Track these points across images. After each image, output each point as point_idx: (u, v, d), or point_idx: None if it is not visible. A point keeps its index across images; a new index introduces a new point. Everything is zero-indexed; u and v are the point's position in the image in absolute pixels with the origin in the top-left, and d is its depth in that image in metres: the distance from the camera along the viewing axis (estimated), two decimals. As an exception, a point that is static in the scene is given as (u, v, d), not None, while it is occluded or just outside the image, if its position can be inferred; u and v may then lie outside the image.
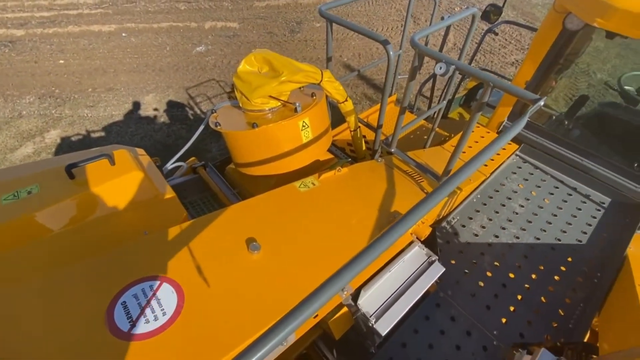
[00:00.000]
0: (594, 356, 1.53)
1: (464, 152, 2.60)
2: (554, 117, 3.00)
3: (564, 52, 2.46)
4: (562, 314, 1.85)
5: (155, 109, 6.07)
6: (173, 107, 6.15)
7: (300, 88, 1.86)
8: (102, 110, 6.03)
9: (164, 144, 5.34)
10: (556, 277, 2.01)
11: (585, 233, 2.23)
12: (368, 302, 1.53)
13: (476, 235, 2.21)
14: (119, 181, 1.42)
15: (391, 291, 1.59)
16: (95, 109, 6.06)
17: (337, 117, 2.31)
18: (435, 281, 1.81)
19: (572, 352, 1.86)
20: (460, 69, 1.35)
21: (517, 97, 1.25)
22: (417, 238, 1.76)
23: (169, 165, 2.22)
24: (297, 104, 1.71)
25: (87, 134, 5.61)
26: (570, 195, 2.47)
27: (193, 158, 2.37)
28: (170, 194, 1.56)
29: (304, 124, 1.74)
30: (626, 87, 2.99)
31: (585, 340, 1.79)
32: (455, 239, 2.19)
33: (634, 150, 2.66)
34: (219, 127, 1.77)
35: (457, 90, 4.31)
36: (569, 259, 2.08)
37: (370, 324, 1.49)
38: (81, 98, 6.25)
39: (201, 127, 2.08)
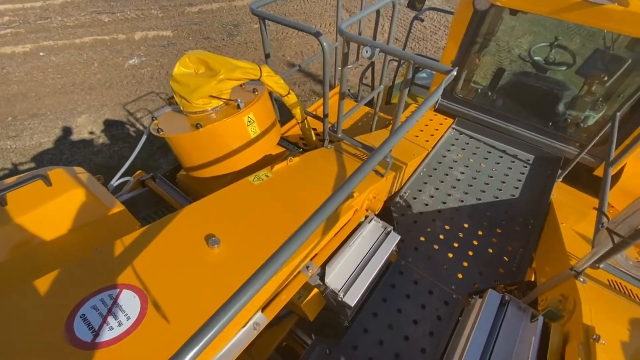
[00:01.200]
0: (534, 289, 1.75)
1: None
2: (479, 91, 3.33)
3: (479, 31, 2.74)
4: (507, 260, 2.09)
5: (91, 132, 5.63)
6: (111, 126, 5.74)
7: (241, 85, 1.88)
8: (28, 139, 5.45)
9: (107, 166, 4.98)
10: (498, 230, 2.26)
11: (517, 188, 2.52)
12: (335, 279, 1.61)
13: (426, 204, 2.40)
14: (59, 201, 1.33)
15: (355, 264, 1.68)
16: (20, 138, 5.46)
17: (288, 114, 2.36)
18: (395, 250, 1.95)
19: (517, 290, 2.12)
20: (384, 50, 1.47)
21: (434, 70, 1.39)
22: (372, 213, 1.88)
23: (114, 182, 2.11)
24: (239, 101, 1.72)
25: (13, 167, 5.04)
26: (502, 157, 2.77)
27: (140, 171, 2.27)
28: (119, 207, 1.50)
29: (249, 120, 1.76)
30: (536, 58, 3.41)
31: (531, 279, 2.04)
32: (409, 211, 2.35)
33: (547, 111, 3.06)
34: (161, 133, 1.73)
35: (397, 76, 4.58)
36: (507, 212, 2.35)
37: (340, 298, 1.57)
38: (0, 129, 5.59)
39: (144, 137, 2.00)
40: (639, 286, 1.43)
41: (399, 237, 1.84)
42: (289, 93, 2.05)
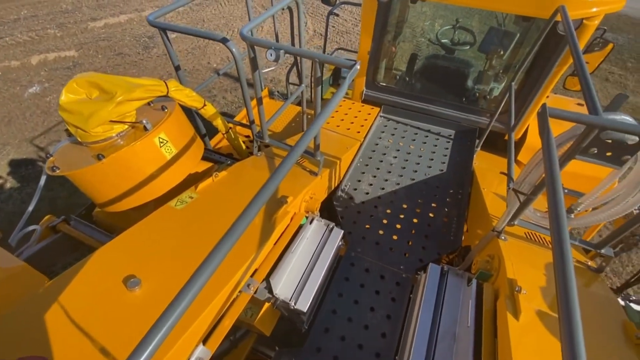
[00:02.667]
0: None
1: (340, 127, 2.84)
2: (398, 77, 3.51)
3: (389, 21, 2.87)
4: (444, 231, 2.23)
5: (-5, 176, 4.85)
6: (19, 167, 5.00)
7: (149, 104, 1.73)
8: None
9: (22, 213, 4.32)
10: (433, 205, 2.40)
11: (444, 163, 2.70)
12: (283, 288, 1.57)
13: (367, 193, 2.47)
14: None
15: (302, 269, 1.66)
16: None
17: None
18: (342, 244, 1.97)
19: (458, 257, 2.28)
20: (288, 51, 1.45)
21: (338, 66, 1.41)
22: (313, 213, 1.87)
23: (16, 235, 1.82)
24: (145, 121, 1.58)
25: None
26: (427, 136, 2.96)
27: (48, 216, 1.98)
28: (16, 264, 1.28)
29: (162, 140, 1.63)
30: (443, 40, 3.68)
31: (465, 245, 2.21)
32: (351, 203, 2.40)
33: (459, 88, 3.33)
34: (57, 171, 1.51)
35: (323, 71, 4.63)
36: (438, 187, 2.51)
37: (292, 307, 1.53)
38: None
39: (42, 180, 1.75)
40: (545, 233, 1.62)
41: (342, 231, 1.86)
42: (204, 105, 1.94)
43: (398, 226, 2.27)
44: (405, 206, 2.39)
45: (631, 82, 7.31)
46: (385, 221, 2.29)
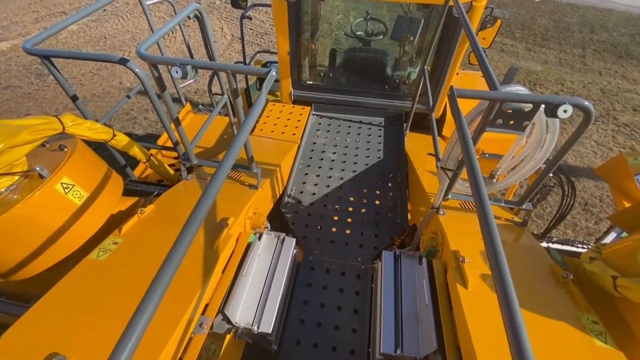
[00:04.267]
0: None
1: (283, 133, 2.77)
2: (322, 74, 3.55)
3: (302, 19, 2.87)
4: (391, 215, 2.32)
5: None
6: None
7: (43, 145, 1.47)
8: None
9: None
10: (377, 192, 2.48)
11: (380, 150, 2.81)
12: (243, 315, 1.48)
13: (314, 193, 2.46)
14: None
15: (259, 289, 1.58)
16: None
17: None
18: (298, 252, 1.93)
19: (408, 237, 2.39)
20: (195, 65, 1.35)
21: (252, 75, 1.36)
22: (259, 229, 1.79)
23: None
24: (39, 168, 1.34)
25: None
26: (360, 127, 3.04)
27: None
28: None
29: (66, 185, 1.40)
30: (358, 33, 3.80)
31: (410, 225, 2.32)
32: (300, 207, 2.36)
33: (380, 77, 3.49)
34: None
35: (244, 81, 4.51)
36: (379, 174, 2.60)
37: (256, 331, 1.46)
38: None
39: None
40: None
41: (294, 239, 1.82)
42: (114, 135, 1.72)
43: (349, 220, 2.30)
44: (352, 199, 2.43)
45: (521, 50, 8.43)
46: (336, 218, 2.31)
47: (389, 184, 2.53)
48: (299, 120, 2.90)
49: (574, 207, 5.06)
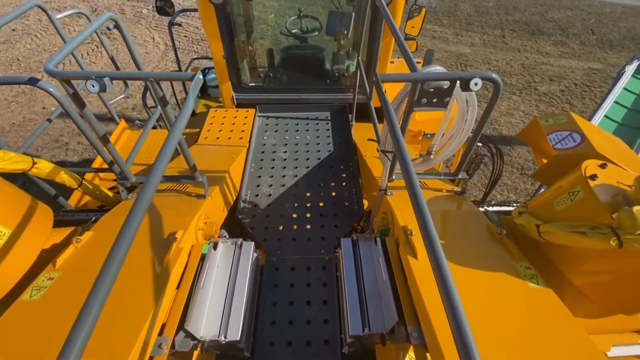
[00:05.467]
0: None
1: (230, 138, 2.70)
2: (263, 75, 3.53)
3: (232, 21, 2.82)
4: (348, 204, 2.39)
5: None
6: None
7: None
8: None
9: None
10: (332, 184, 2.53)
11: (329, 143, 2.87)
12: (207, 327, 1.43)
13: (270, 195, 2.44)
14: None
15: (222, 299, 1.55)
16: None
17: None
18: (259, 255, 1.91)
19: (366, 222, 2.48)
20: (114, 77, 1.27)
21: (176, 81, 1.32)
22: (214, 237, 1.75)
23: None
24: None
25: None
26: (307, 124, 3.08)
27: None
28: None
29: (-21, 226, 1.25)
30: (293, 31, 3.83)
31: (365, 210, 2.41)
32: (257, 210, 2.34)
33: (321, 72, 3.55)
34: None
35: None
36: (331, 167, 2.66)
37: (223, 342, 1.42)
38: None
39: None
40: (421, 178, 1.89)
41: (252, 243, 1.80)
42: (34, 164, 1.57)
43: (308, 215, 2.32)
44: (308, 194, 2.46)
45: (450, 35, 9.06)
46: (295, 215, 2.32)
47: (343, 175, 2.59)
48: (244, 124, 2.86)
49: (513, 172, 5.58)
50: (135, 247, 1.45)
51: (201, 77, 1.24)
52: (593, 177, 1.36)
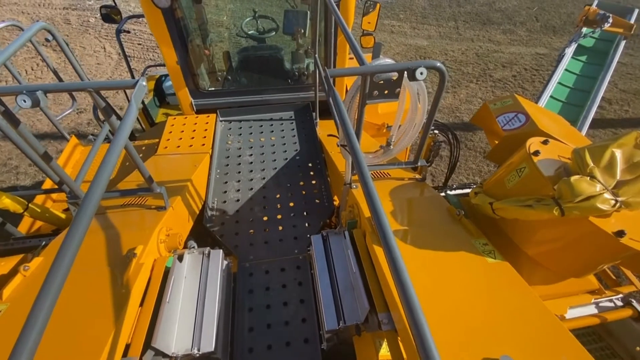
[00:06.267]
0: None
1: (191, 146, 2.61)
2: (221, 78, 3.46)
3: (183, 25, 2.73)
4: (318, 201, 2.39)
5: None
6: None
7: None
8: None
9: None
10: (301, 183, 2.53)
11: (295, 143, 2.86)
12: (179, 342, 1.39)
13: (238, 200, 2.40)
14: None
15: (192, 311, 1.50)
16: None
17: None
18: (230, 262, 1.87)
19: (337, 218, 2.50)
20: (48, 90, 1.19)
21: (117, 89, 1.26)
22: (179, 249, 1.69)
23: None
24: None
25: None
26: (272, 125, 3.06)
27: None
28: None
29: None
30: (250, 32, 3.78)
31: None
32: (225, 217, 2.29)
33: (281, 72, 3.54)
34: None
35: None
36: (299, 166, 2.65)
37: (197, 354, 1.38)
38: None
39: None
40: (383, 168, 1.93)
41: (221, 250, 1.76)
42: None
43: (279, 217, 2.30)
44: (278, 196, 2.44)
45: (407, 29, 9.33)
46: (265, 218, 2.29)
47: (311, 173, 2.60)
48: (206, 130, 2.78)
49: (477, 156, 5.83)
50: (92, 267, 1.38)
51: (144, 83, 1.19)
52: (536, 153, 1.45)
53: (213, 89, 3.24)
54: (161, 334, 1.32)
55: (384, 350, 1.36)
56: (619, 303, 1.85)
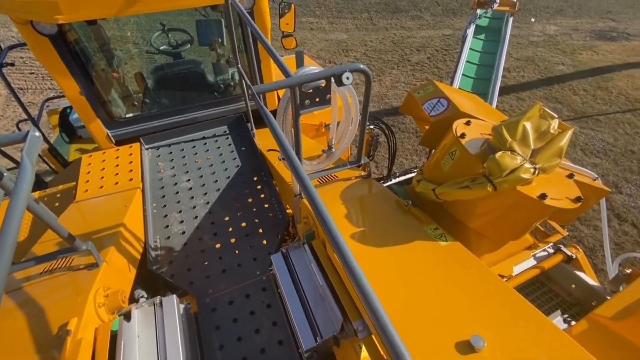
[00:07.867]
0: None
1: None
2: (138, 102, 3.14)
3: (79, 51, 2.39)
4: (272, 215, 2.31)
5: None
6: None
7: None
8: None
9: None
10: (250, 199, 2.41)
11: (235, 158, 2.72)
12: None
13: (183, 232, 2.20)
14: None
15: None
16: None
17: None
18: (187, 304, 1.71)
19: (294, 228, 2.45)
20: None
21: (9, 145, 1.04)
22: (123, 307, 1.49)
23: None
24: None
25: None
26: (205, 143, 2.86)
27: None
28: None
29: None
30: (162, 47, 3.47)
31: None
32: (172, 254, 2.09)
33: (205, 86, 3.32)
34: None
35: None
36: (244, 182, 2.52)
37: None
38: None
39: None
40: (329, 172, 1.93)
41: (174, 295, 1.59)
42: None
43: (232, 240, 2.17)
44: (227, 218, 2.30)
45: (325, 24, 9.54)
46: (218, 245, 2.14)
47: (258, 187, 2.49)
48: (131, 162, 2.49)
49: (411, 137, 6.20)
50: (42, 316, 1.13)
51: (38, 134, 0.99)
52: (462, 135, 1.57)
53: (131, 115, 2.91)
54: None
55: (365, 353, 1.36)
56: (551, 251, 2.12)
